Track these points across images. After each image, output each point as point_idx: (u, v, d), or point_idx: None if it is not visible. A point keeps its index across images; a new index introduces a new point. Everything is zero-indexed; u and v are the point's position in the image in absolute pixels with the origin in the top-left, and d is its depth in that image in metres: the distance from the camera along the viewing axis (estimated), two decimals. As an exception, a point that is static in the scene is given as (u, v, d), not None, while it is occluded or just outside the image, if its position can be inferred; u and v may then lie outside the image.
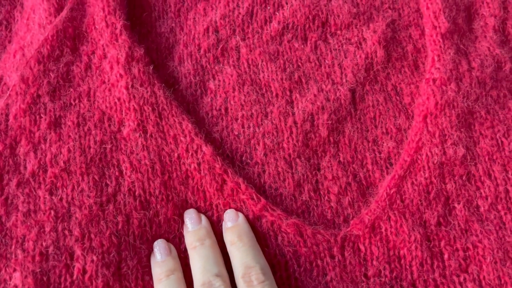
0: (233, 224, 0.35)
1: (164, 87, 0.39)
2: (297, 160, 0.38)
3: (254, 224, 0.35)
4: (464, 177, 0.37)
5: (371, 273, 0.35)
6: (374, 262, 0.35)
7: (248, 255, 0.33)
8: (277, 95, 0.41)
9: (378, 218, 0.36)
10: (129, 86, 0.38)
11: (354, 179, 0.38)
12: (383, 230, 0.35)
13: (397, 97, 0.42)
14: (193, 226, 0.35)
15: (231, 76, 0.41)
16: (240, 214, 0.35)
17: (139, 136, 0.37)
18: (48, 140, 0.37)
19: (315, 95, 0.41)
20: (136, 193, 0.35)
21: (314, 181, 0.38)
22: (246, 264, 0.33)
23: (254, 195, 0.36)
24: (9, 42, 0.43)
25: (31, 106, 0.38)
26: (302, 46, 0.43)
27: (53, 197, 0.35)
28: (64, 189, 0.35)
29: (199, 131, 0.38)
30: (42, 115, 0.38)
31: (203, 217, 0.36)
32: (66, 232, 0.34)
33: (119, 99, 0.38)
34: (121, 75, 0.38)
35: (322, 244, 0.35)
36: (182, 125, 0.37)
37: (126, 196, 0.35)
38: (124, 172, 0.36)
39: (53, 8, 0.42)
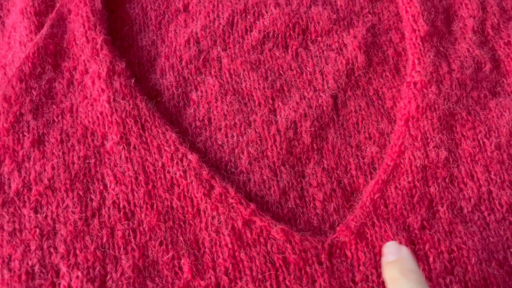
0: (394, 258, 0.31)
1: (146, 99, 0.39)
2: (282, 168, 0.39)
3: (243, 230, 0.35)
4: (447, 180, 0.37)
5: (359, 279, 0.35)
6: (361, 268, 0.35)
7: None
8: (259, 104, 0.41)
9: (363, 224, 0.36)
10: (111, 99, 0.38)
11: (338, 185, 0.39)
12: (368, 236, 0.36)
13: (379, 102, 0.42)
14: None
15: (213, 86, 0.41)
16: (403, 247, 0.31)
17: (123, 149, 0.37)
18: (32, 158, 0.37)
19: (297, 103, 0.41)
20: (121, 205, 0.36)
21: (299, 188, 0.38)
22: None
23: (243, 200, 0.36)
24: (-9, 60, 0.43)
25: (14, 125, 0.38)
26: (283, 54, 0.43)
27: (38, 215, 0.35)
28: (49, 207, 0.35)
29: (184, 141, 0.38)
30: (25, 133, 0.38)
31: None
32: (52, 249, 0.34)
33: (101, 113, 0.38)
34: (102, 90, 0.39)
35: (310, 251, 0.35)
36: (165, 135, 0.37)
37: (111, 209, 0.35)
38: (108, 186, 0.36)
39: (34, 26, 0.42)
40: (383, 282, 0.35)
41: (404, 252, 0.31)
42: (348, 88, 0.42)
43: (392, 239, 0.35)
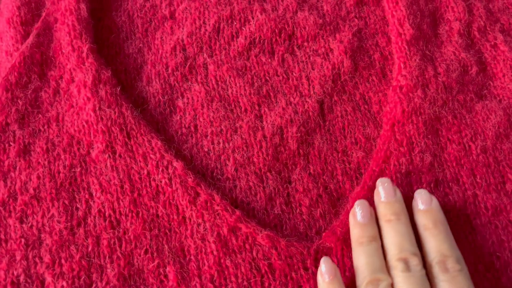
0: (426, 208, 0.35)
1: (132, 107, 0.39)
2: (268, 174, 0.39)
3: (229, 237, 0.35)
4: (432, 184, 0.37)
5: (346, 284, 0.35)
6: (347, 274, 0.35)
7: (445, 244, 0.33)
8: (246, 110, 0.41)
9: (349, 230, 0.36)
10: (97, 108, 0.38)
11: (324, 191, 0.39)
12: (354, 240, 0.36)
13: (366, 106, 0.42)
14: (388, 198, 0.35)
15: (200, 93, 0.41)
16: (434, 198, 0.35)
17: (108, 157, 0.37)
18: (17, 168, 0.37)
19: (283, 108, 0.41)
20: (106, 213, 0.36)
21: (286, 194, 0.38)
22: (442, 252, 0.33)
23: (228, 207, 0.36)
24: (-21, 70, 0.43)
25: (0, 135, 0.38)
26: (270, 60, 0.43)
27: (24, 225, 0.35)
28: (35, 216, 0.35)
29: (169, 149, 0.38)
30: (11, 143, 0.38)
31: (397, 190, 0.36)
32: (37, 259, 0.34)
33: (87, 122, 0.38)
34: (88, 98, 0.39)
35: (295, 257, 0.35)
36: (151, 143, 0.37)
37: (96, 218, 0.36)
38: (94, 194, 0.36)
39: (20, 35, 0.42)
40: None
41: (435, 203, 0.35)
42: (334, 93, 0.42)
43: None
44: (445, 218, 0.35)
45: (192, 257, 0.35)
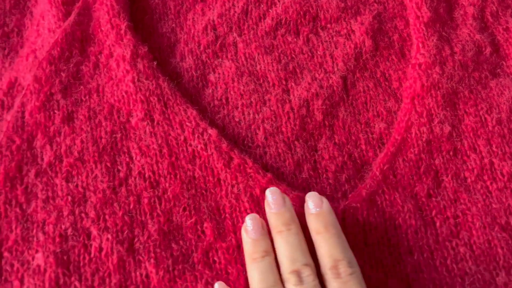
0: (317, 211, 0.35)
1: (168, 79, 0.42)
2: (296, 142, 0.41)
3: (261, 197, 0.38)
4: (451, 152, 0.40)
5: (371, 241, 0.37)
6: (373, 231, 0.37)
7: (336, 247, 0.33)
8: (274, 84, 0.44)
9: (374, 192, 0.38)
10: (135, 80, 0.41)
11: (349, 158, 0.41)
12: (379, 202, 0.38)
13: (386, 83, 0.44)
14: (278, 208, 0.35)
15: (230, 68, 0.44)
16: (324, 200, 0.35)
17: (147, 125, 0.40)
18: (62, 133, 0.40)
19: (309, 83, 0.43)
20: (146, 175, 0.38)
21: (313, 161, 0.41)
22: (334, 256, 0.33)
23: (260, 170, 0.38)
24: (21, 47, 0.46)
25: (45, 103, 0.41)
26: (295, 39, 0.46)
27: (69, 184, 0.38)
28: (79, 177, 0.38)
29: (203, 118, 0.40)
30: (55, 111, 0.40)
31: (286, 199, 0.36)
32: (83, 215, 0.36)
33: (126, 92, 0.41)
34: (127, 71, 0.41)
35: (323, 217, 0.37)
36: (187, 112, 0.40)
37: (137, 179, 0.38)
38: (134, 158, 0.39)
39: (61, 14, 0.45)
40: (393, 245, 0.37)
41: (326, 205, 0.35)
42: (357, 70, 0.45)
43: (401, 206, 0.37)
44: (337, 219, 0.35)
45: (227, 215, 0.37)
